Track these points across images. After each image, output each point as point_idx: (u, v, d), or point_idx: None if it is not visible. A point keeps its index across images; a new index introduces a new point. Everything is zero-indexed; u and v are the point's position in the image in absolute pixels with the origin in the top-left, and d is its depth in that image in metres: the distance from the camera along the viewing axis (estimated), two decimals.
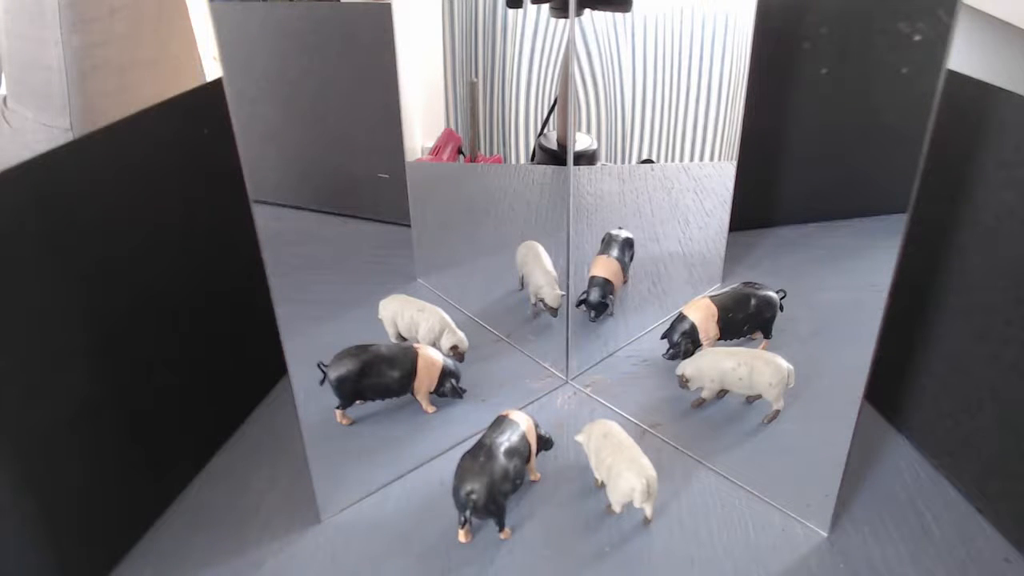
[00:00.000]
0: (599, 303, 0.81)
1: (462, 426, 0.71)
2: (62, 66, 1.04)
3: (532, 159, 0.95)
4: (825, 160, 0.87)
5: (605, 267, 0.82)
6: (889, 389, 0.70)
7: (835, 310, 0.81)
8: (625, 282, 0.86)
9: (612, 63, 0.86)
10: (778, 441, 0.68)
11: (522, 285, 0.87)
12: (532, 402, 0.75)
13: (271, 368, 0.75)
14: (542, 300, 0.81)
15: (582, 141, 0.90)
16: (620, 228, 0.86)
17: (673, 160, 0.94)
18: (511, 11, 0.87)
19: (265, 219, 0.51)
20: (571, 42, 0.65)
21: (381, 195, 0.88)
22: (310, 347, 0.64)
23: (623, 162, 0.94)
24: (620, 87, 0.88)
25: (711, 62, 0.87)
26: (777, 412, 0.70)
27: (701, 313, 0.75)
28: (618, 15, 0.83)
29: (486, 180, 1.00)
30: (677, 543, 0.59)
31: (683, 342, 0.75)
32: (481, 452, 0.59)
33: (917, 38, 0.55)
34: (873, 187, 0.82)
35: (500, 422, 0.62)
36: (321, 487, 0.61)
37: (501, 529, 0.60)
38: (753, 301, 0.76)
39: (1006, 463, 0.59)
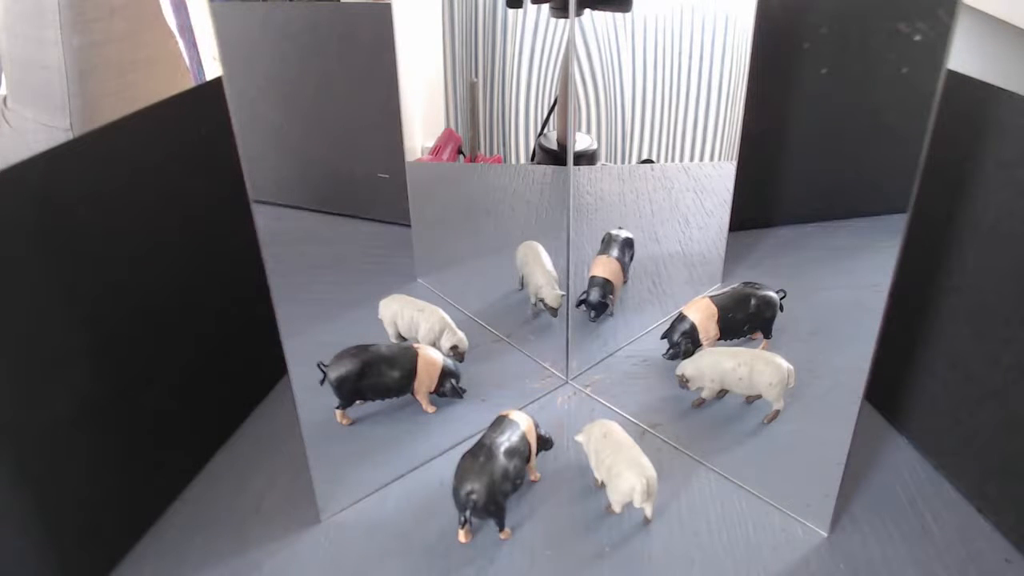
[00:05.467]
0: (599, 303, 0.81)
1: (462, 426, 0.71)
2: (62, 66, 1.04)
3: (532, 159, 0.95)
4: (825, 160, 0.87)
5: (605, 267, 0.82)
6: (889, 389, 0.70)
7: (835, 310, 0.81)
8: (625, 282, 0.86)
9: (612, 63, 0.86)
10: (778, 441, 0.68)
11: (522, 285, 0.87)
12: (532, 402, 0.75)
13: (271, 368, 0.75)
14: (542, 300, 0.81)
15: (582, 141, 0.90)
16: (620, 228, 0.86)
17: (673, 160, 0.94)
18: (511, 11, 0.87)
19: (265, 219, 0.51)
20: (571, 42, 0.65)
21: (381, 195, 0.88)
22: (310, 347, 0.64)
23: (623, 162, 0.94)
24: (620, 87, 0.88)
25: (711, 62, 0.87)
26: (777, 412, 0.70)
27: (701, 313, 0.75)
28: (618, 15, 0.83)
29: (486, 180, 1.00)
30: (677, 543, 0.59)
31: (683, 342, 0.75)
32: (481, 452, 0.59)
33: (917, 38, 0.55)
34: (873, 187, 0.82)
35: (500, 422, 0.62)
36: (321, 487, 0.61)
37: (501, 529, 0.60)
38: (753, 301, 0.76)
39: (1006, 463, 0.59)
